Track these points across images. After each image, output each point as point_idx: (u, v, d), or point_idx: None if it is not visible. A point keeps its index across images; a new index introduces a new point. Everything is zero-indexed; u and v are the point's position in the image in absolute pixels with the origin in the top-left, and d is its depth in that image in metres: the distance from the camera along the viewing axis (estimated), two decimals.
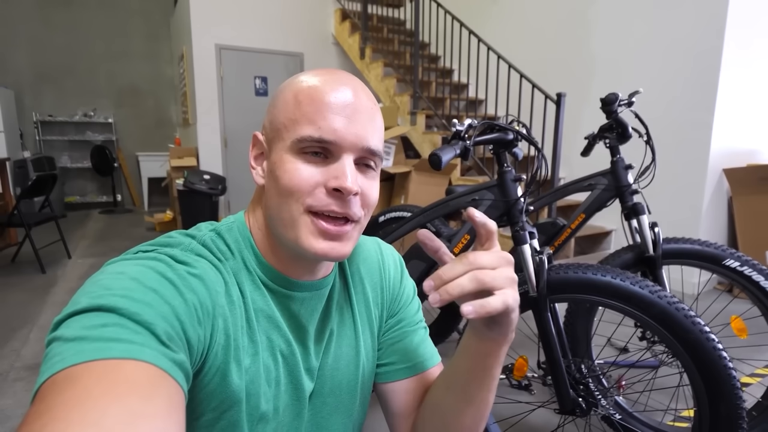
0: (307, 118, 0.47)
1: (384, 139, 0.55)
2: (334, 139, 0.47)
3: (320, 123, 0.47)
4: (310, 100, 0.48)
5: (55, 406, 0.31)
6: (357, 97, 0.49)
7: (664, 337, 1.03)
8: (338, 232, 0.48)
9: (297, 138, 0.47)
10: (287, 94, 0.50)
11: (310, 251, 0.48)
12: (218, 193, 4.27)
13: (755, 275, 1.32)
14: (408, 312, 0.65)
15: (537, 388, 1.79)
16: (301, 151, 0.48)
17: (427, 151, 3.79)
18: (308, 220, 0.48)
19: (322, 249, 0.48)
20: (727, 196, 2.98)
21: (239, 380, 0.48)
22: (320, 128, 0.47)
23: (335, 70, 0.52)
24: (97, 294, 0.38)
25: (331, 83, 0.49)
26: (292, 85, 0.51)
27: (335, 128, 0.47)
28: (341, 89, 0.49)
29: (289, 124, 0.48)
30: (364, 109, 0.49)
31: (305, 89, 0.49)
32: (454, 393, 0.55)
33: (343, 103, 0.48)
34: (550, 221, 1.64)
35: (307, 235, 0.48)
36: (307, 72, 0.52)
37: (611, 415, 1.28)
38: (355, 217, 0.49)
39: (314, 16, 5.22)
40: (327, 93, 0.48)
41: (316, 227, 0.48)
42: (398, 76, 4.24)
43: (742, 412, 0.98)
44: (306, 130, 0.47)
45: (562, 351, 1.16)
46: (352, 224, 0.49)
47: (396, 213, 2.03)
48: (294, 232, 0.48)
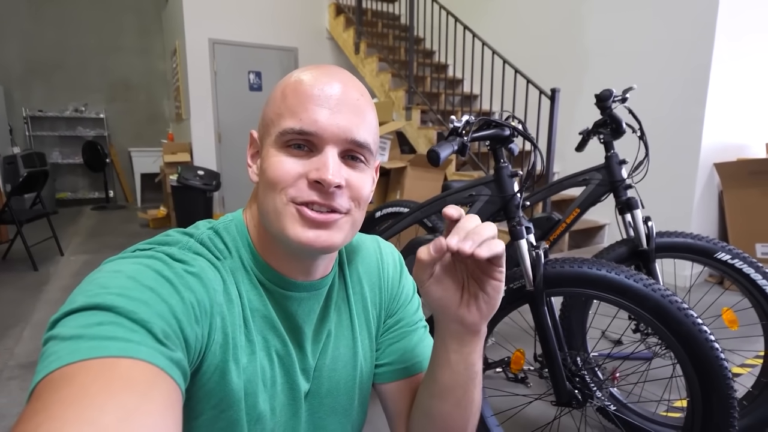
0: (290, 111, 0.47)
1: (379, 135, 0.55)
2: (315, 130, 0.46)
3: (302, 115, 0.47)
4: (294, 94, 0.48)
5: (51, 405, 0.30)
6: (344, 90, 0.48)
7: (658, 329, 1.05)
8: (324, 219, 0.47)
9: (280, 131, 0.47)
10: (276, 92, 0.50)
11: (295, 240, 0.47)
12: (212, 188, 4.25)
13: (746, 268, 1.35)
14: (407, 311, 0.65)
15: (533, 381, 1.81)
16: (285, 144, 0.47)
17: (423, 146, 3.79)
18: (293, 209, 0.47)
19: (308, 238, 0.47)
20: (718, 190, 3.02)
21: (238, 379, 0.47)
22: (301, 120, 0.46)
23: (330, 66, 0.51)
24: (94, 292, 0.38)
25: (319, 77, 0.48)
26: (282, 82, 0.51)
27: (316, 119, 0.46)
28: (328, 82, 0.48)
29: (275, 119, 0.48)
30: (350, 101, 0.48)
31: (292, 84, 0.49)
32: (440, 400, 0.55)
33: (327, 95, 0.47)
34: (546, 216, 1.65)
35: (293, 224, 0.47)
36: (301, 68, 0.51)
37: (606, 406, 1.30)
38: (342, 209, 0.48)
39: (308, 11, 5.18)
40: (312, 86, 0.48)
41: (301, 216, 0.47)
42: (393, 71, 4.23)
43: (734, 401, 1.00)
44: (288, 122, 0.47)
45: (558, 344, 1.17)
46: (340, 214, 0.49)
47: (393, 208, 2.03)
48: (280, 222, 0.48)
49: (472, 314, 0.50)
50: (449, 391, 0.54)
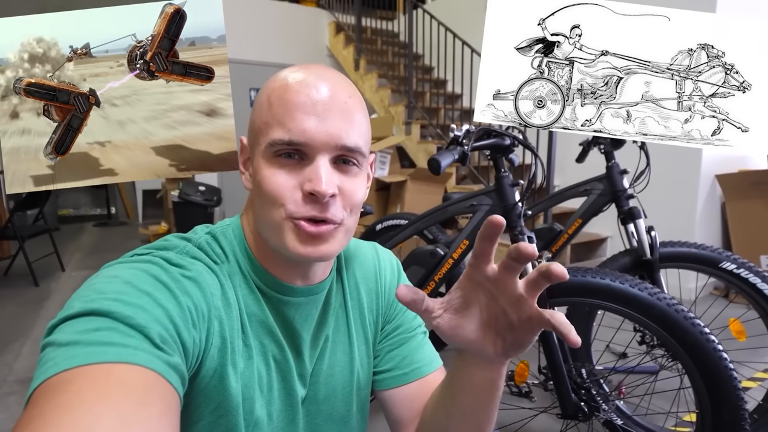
0: (277, 121, 0.46)
1: (379, 149, 0.55)
2: (305, 140, 0.46)
3: (289, 125, 0.46)
4: (280, 102, 0.47)
5: (47, 411, 0.30)
6: (332, 94, 0.47)
7: (665, 339, 1.03)
8: (318, 232, 0.47)
9: (269, 142, 0.47)
10: (262, 97, 0.49)
11: (295, 255, 0.47)
12: (213, 204, 4.26)
13: (752, 277, 1.33)
14: (405, 318, 0.64)
15: (537, 395, 1.78)
16: (275, 155, 0.47)
17: (422, 161, 3.81)
18: (291, 224, 0.47)
19: (306, 251, 0.47)
20: (720, 202, 3.02)
21: (236, 384, 0.47)
22: (289, 130, 0.46)
23: (316, 66, 0.50)
24: (91, 298, 0.37)
25: (305, 80, 0.47)
26: (267, 86, 0.50)
27: (304, 129, 0.45)
28: (314, 86, 0.47)
29: (263, 128, 0.48)
30: (337, 105, 0.47)
31: (277, 89, 0.48)
32: (461, 420, 0.52)
33: (313, 101, 0.46)
34: (547, 227, 1.65)
35: (292, 239, 0.47)
36: (287, 69, 0.50)
37: (613, 420, 1.27)
38: (336, 219, 0.48)
39: (309, 29, 5.28)
40: (298, 92, 0.47)
41: (299, 231, 0.47)
42: (392, 87, 4.28)
43: (745, 413, 0.98)
44: (276, 133, 0.46)
45: (563, 355, 1.16)
46: (334, 224, 0.48)
47: (393, 221, 2.03)
48: (280, 237, 0.48)
49: (497, 353, 0.45)
50: (471, 413, 0.52)
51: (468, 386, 0.50)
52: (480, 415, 0.52)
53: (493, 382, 0.49)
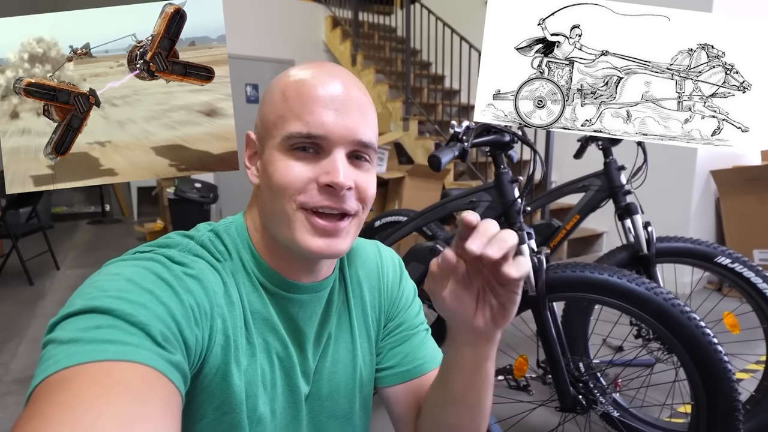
0: (295, 114, 0.47)
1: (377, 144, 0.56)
2: (323, 133, 0.46)
3: (308, 118, 0.46)
4: (297, 95, 0.47)
5: (47, 409, 0.30)
6: (346, 89, 0.48)
7: (661, 333, 1.05)
8: (334, 228, 0.47)
9: (286, 135, 0.47)
10: (275, 91, 0.50)
11: (306, 249, 0.47)
12: (210, 201, 4.24)
13: (746, 271, 1.35)
14: (408, 315, 0.65)
15: (536, 388, 1.80)
16: (291, 148, 0.47)
17: (420, 157, 3.81)
18: (302, 217, 0.47)
19: (318, 246, 0.47)
20: (715, 197, 3.05)
21: (239, 381, 0.47)
22: (308, 123, 0.46)
23: (325, 63, 0.51)
24: (92, 295, 0.37)
25: (319, 76, 0.48)
26: (280, 81, 0.50)
27: (323, 122, 0.46)
28: (329, 82, 0.48)
29: (278, 121, 0.48)
30: (353, 101, 0.48)
31: (292, 84, 0.48)
32: (453, 406, 0.54)
33: (331, 95, 0.47)
34: (546, 222, 1.66)
35: (302, 232, 0.47)
36: (297, 66, 0.51)
37: (610, 412, 1.29)
38: (351, 211, 0.48)
39: (305, 24, 5.24)
40: (314, 86, 0.47)
41: (311, 224, 0.47)
42: (390, 83, 4.27)
43: (738, 403, 1.00)
44: (294, 126, 0.46)
45: (561, 349, 1.17)
46: (349, 219, 0.49)
47: (392, 218, 2.03)
48: (289, 230, 0.47)
49: (486, 324, 0.48)
50: (462, 398, 0.54)
51: (459, 369, 0.52)
52: (472, 397, 0.53)
53: (482, 361, 0.51)
